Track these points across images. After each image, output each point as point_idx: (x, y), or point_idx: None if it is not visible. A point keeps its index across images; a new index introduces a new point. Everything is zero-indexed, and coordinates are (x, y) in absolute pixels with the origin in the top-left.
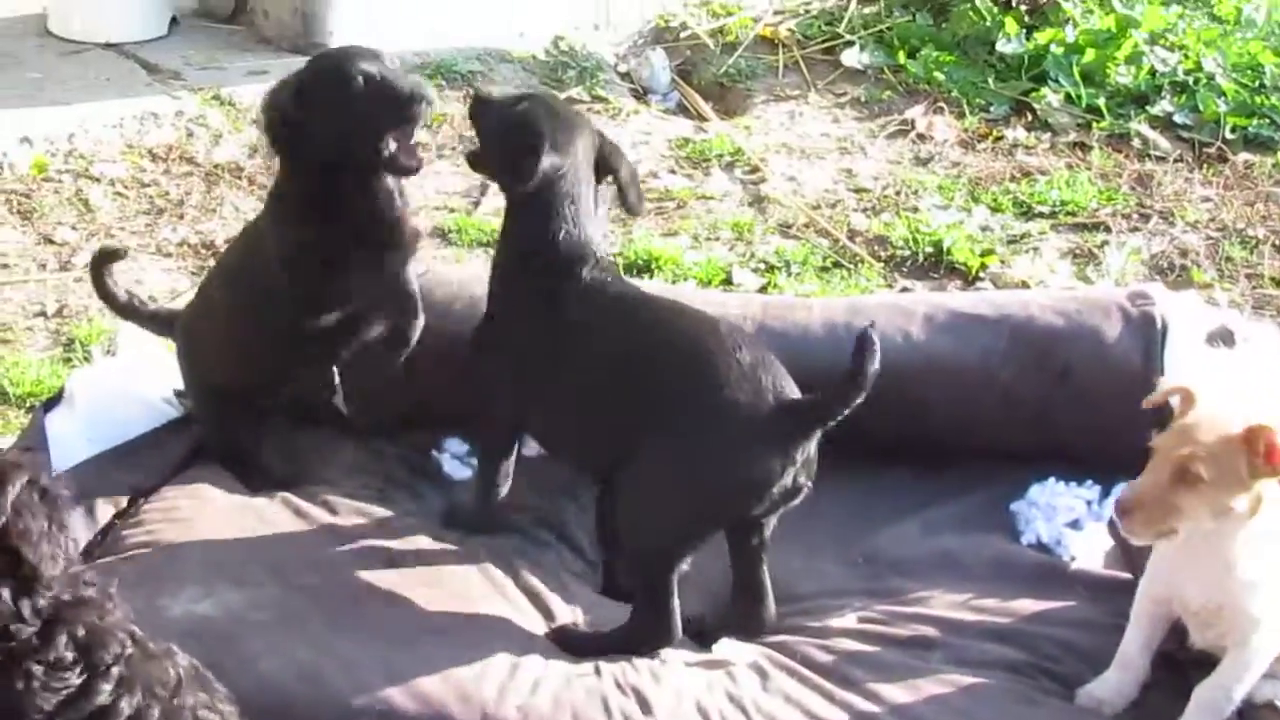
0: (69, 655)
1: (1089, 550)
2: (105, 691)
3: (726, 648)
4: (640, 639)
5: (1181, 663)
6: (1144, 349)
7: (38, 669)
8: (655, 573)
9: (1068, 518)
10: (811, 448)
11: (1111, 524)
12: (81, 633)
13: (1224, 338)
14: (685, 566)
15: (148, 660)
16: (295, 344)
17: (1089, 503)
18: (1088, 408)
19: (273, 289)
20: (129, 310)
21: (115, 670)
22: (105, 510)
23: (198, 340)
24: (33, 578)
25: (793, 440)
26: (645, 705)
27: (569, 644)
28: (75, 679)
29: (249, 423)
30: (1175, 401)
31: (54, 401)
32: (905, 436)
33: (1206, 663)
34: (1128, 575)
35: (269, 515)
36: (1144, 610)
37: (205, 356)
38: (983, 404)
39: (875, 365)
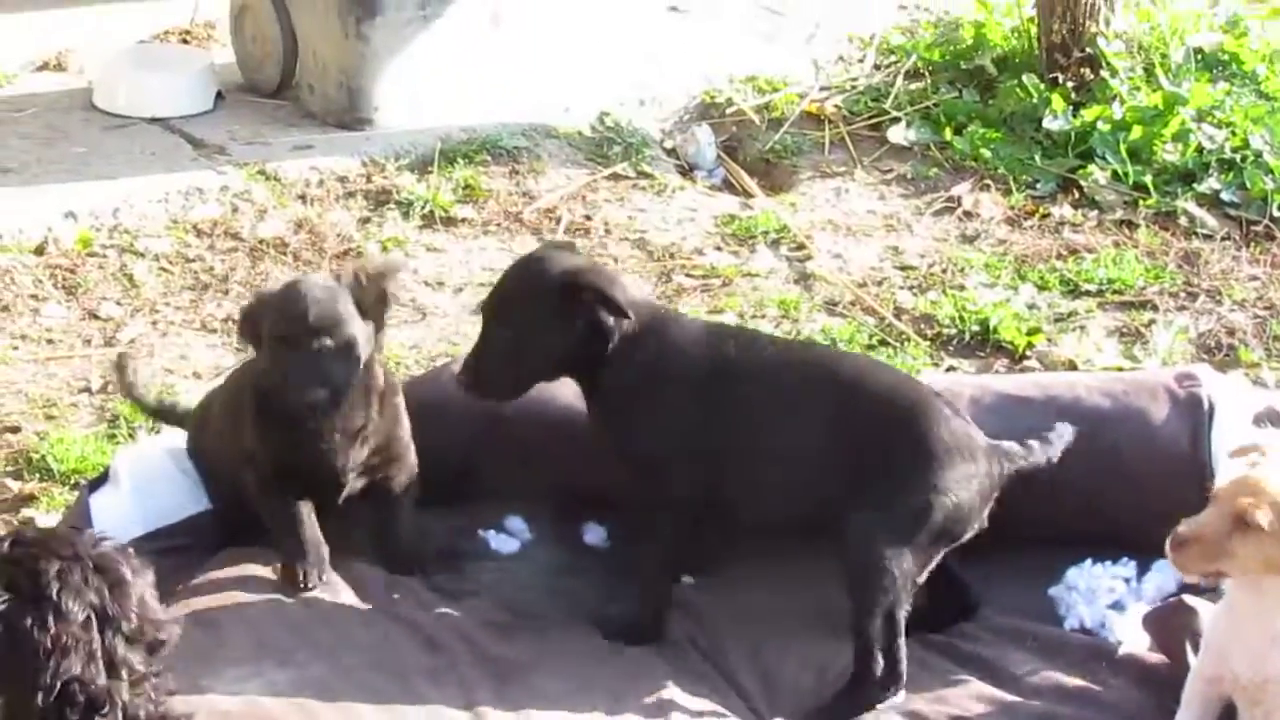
0: None
1: (1135, 632)
2: None
3: None
4: (873, 693)
5: None
6: (1191, 431)
7: None
8: (897, 611)
9: (1109, 599)
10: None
11: (1147, 618)
12: None
13: (1272, 419)
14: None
15: None
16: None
17: (1127, 580)
18: (1134, 490)
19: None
20: (160, 412)
21: None
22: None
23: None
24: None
25: (999, 476)
26: None
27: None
28: None
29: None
30: (1252, 460)
31: (99, 481)
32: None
33: None
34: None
35: (313, 598)
36: (1196, 691)
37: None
38: (1028, 483)
39: (1067, 443)
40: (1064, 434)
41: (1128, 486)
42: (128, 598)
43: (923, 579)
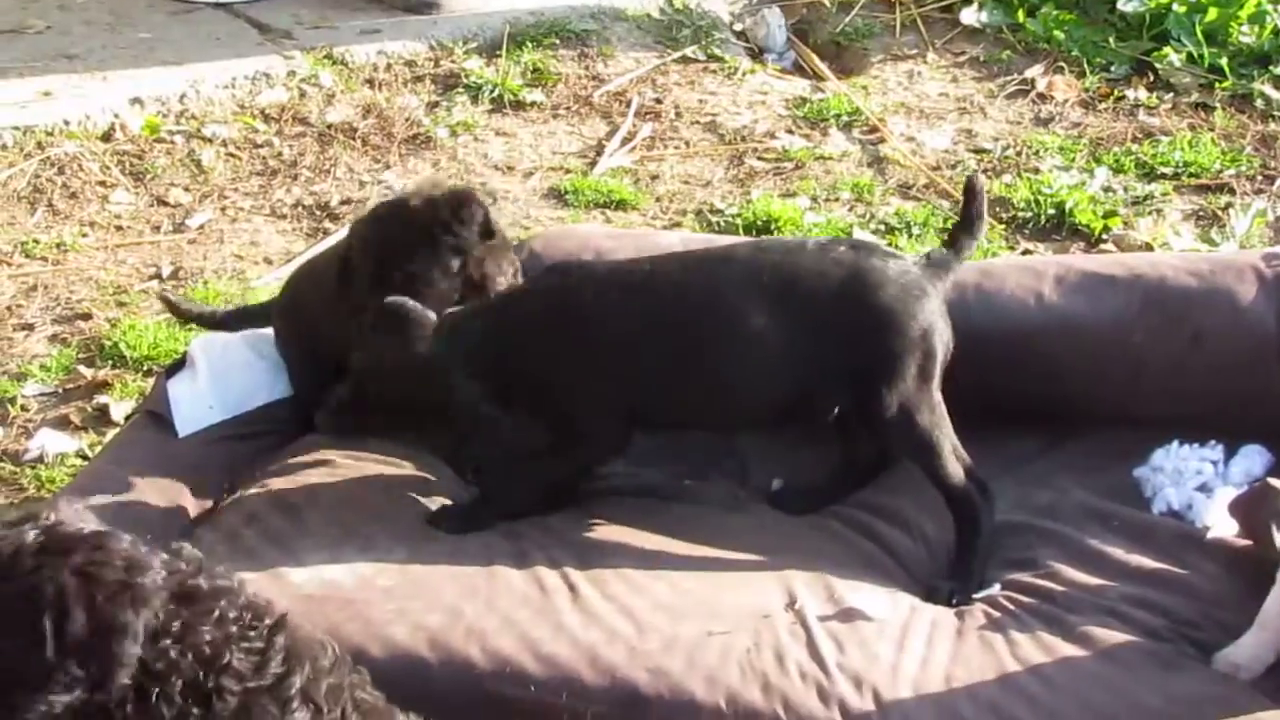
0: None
1: (1222, 517)
2: (277, 660)
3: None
4: (983, 509)
5: None
6: (1278, 312)
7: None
8: (948, 444)
9: (1196, 482)
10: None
11: (1233, 503)
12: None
13: None
14: None
15: (303, 631)
16: None
17: (1214, 464)
18: (1219, 372)
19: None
20: (227, 320)
21: (279, 639)
22: (227, 477)
23: (298, 314)
24: None
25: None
26: (782, 663)
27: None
28: (259, 640)
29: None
30: None
31: (176, 367)
32: (1034, 399)
33: None
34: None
35: (393, 482)
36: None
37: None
38: (1113, 367)
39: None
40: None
41: (1211, 368)
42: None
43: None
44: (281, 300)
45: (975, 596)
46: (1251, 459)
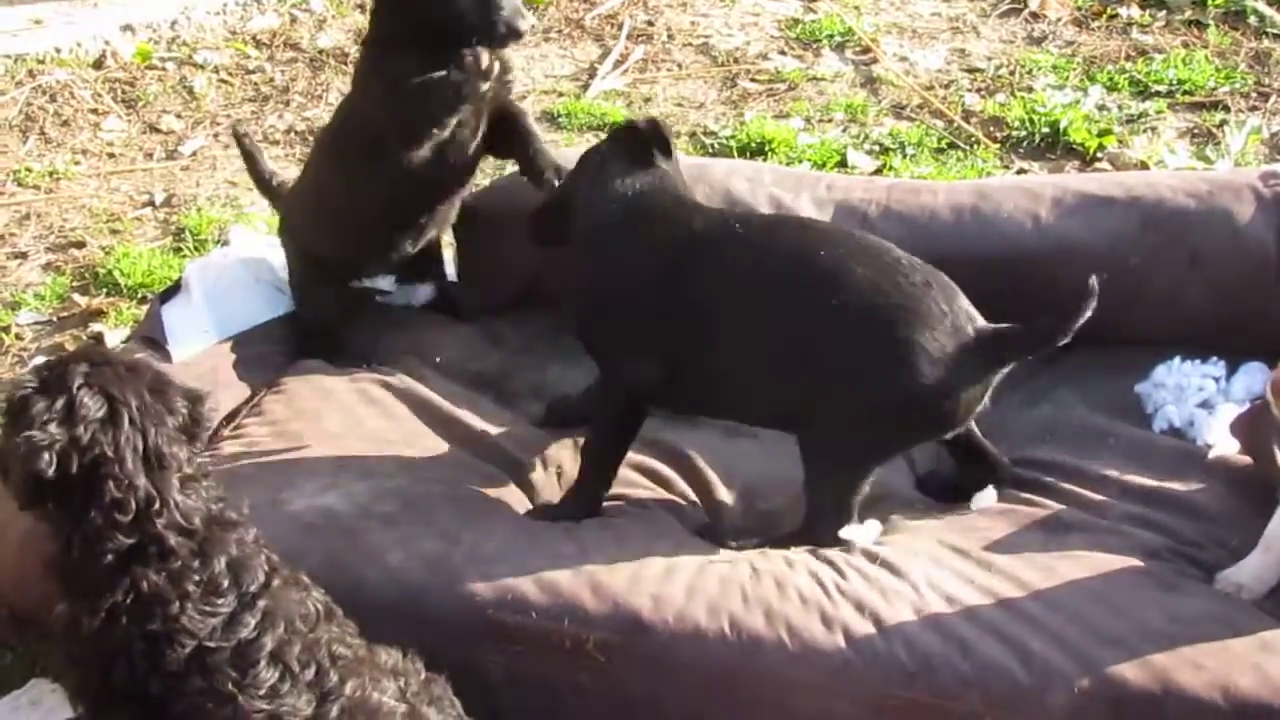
0: (224, 580)
1: (1224, 434)
2: (250, 624)
3: (855, 531)
4: (817, 540)
5: None
6: (1277, 230)
7: (195, 590)
8: (846, 498)
9: (1198, 398)
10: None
11: (1234, 422)
12: (234, 553)
13: None
14: None
15: (289, 590)
16: (396, 203)
17: (1216, 380)
18: (1218, 291)
19: (371, 145)
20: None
21: (261, 603)
22: (226, 401)
23: (301, 213)
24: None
25: (993, 370)
26: (782, 589)
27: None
28: (227, 606)
29: (338, 299)
30: None
31: (170, 292)
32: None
33: None
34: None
35: (393, 410)
36: None
37: (306, 229)
38: (1113, 289)
39: (1087, 315)
40: (1089, 300)
41: (1211, 287)
42: (169, 393)
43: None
44: (286, 211)
45: (974, 507)
46: (1253, 376)
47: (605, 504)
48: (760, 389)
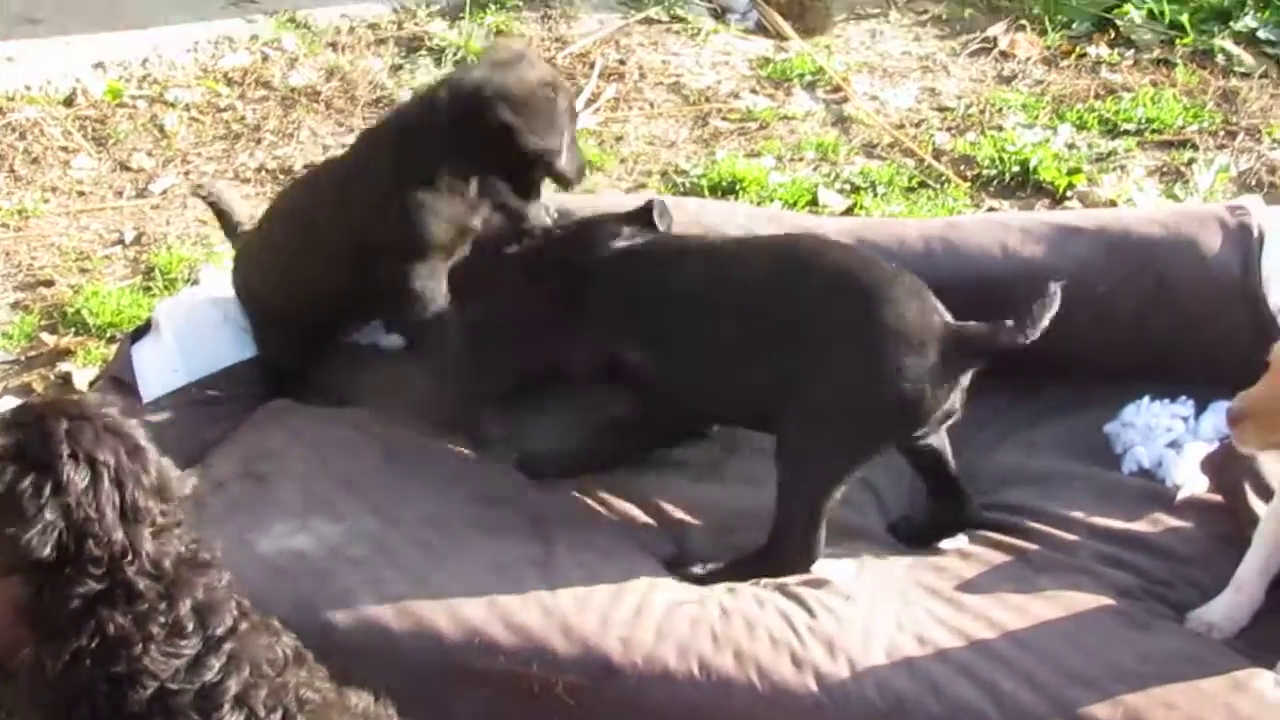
0: (189, 623)
1: (1193, 474)
2: (215, 667)
3: (831, 568)
4: (780, 566)
5: None
6: (1242, 259)
7: (159, 632)
8: (817, 502)
9: (1167, 438)
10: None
11: (1205, 461)
12: (200, 596)
13: None
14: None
15: (257, 635)
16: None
17: (1185, 419)
18: (1185, 319)
19: (340, 243)
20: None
21: (226, 646)
22: (194, 443)
23: (259, 273)
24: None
25: (959, 368)
26: (752, 630)
27: (691, 576)
28: (191, 648)
29: (300, 344)
30: None
31: (140, 331)
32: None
33: None
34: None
35: (363, 450)
36: (1269, 531)
37: (267, 290)
38: (1079, 316)
39: (1052, 313)
40: (1050, 303)
41: (1177, 315)
42: (143, 454)
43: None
44: (241, 261)
45: (943, 546)
46: (1221, 414)
47: (576, 538)
48: (734, 379)
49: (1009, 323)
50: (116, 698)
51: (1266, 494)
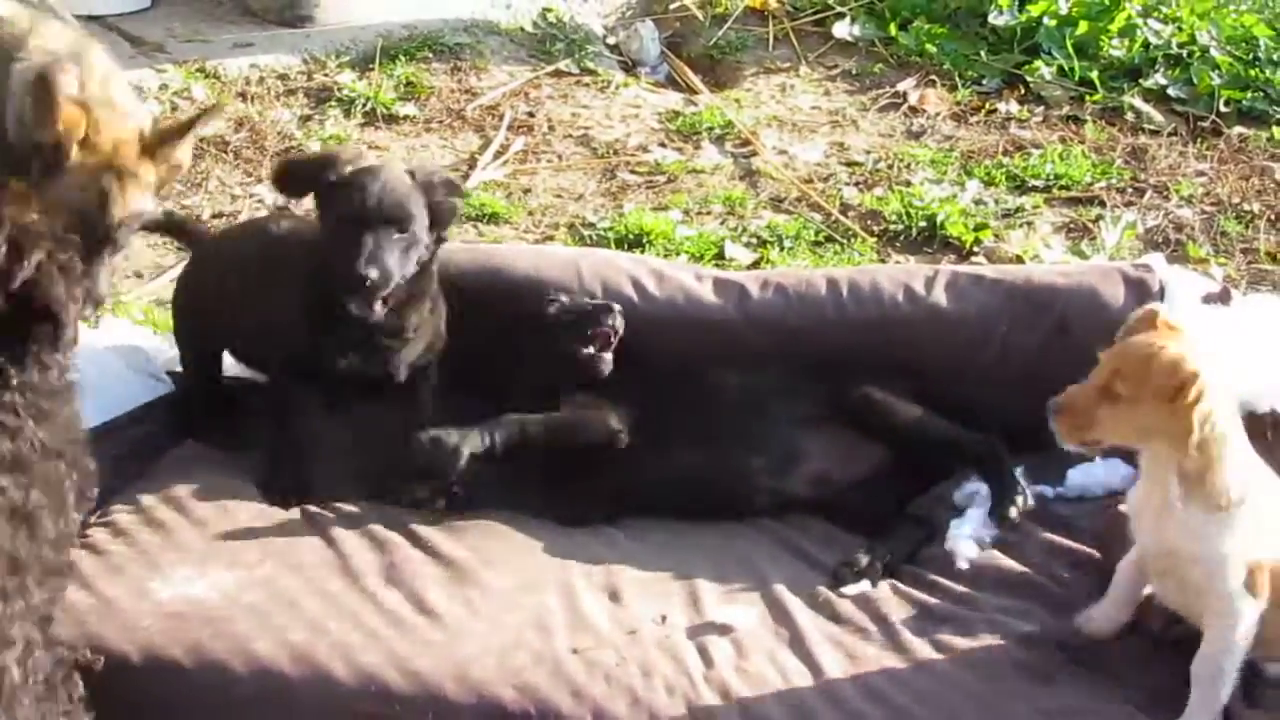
0: None
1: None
2: None
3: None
4: None
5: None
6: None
7: None
8: None
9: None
10: None
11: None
12: None
13: (1221, 297)
14: None
15: None
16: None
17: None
18: (1084, 364)
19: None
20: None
21: None
22: (100, 486)
23: (203, 301)
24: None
25: None
26: (648, 678)
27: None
28: None
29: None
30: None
31: None
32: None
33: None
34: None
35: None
36: (1121, 568)
37: (212, 324)
38: (978, 357)
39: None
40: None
41: (1076, 359)
42: None
43: None
44: (186, 297)
45: (845, 591)
46: (1088, 472)
47: (478, 584)
48: None
49: None
50: None
51: None
